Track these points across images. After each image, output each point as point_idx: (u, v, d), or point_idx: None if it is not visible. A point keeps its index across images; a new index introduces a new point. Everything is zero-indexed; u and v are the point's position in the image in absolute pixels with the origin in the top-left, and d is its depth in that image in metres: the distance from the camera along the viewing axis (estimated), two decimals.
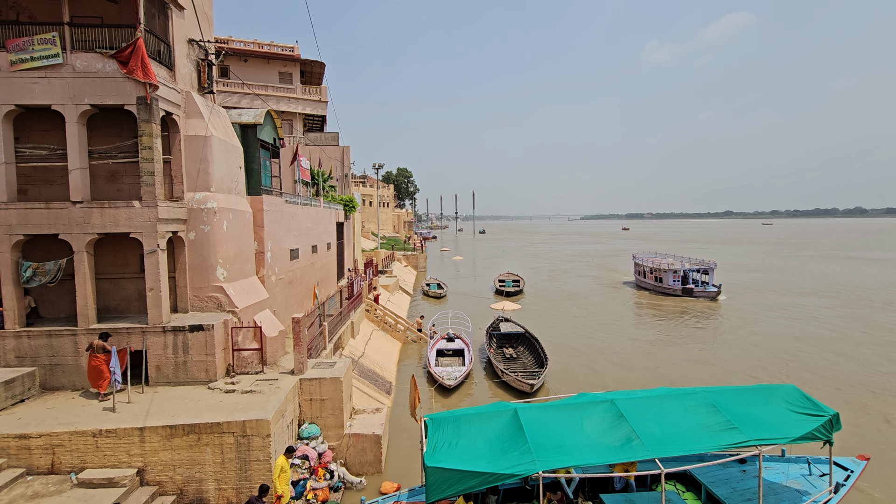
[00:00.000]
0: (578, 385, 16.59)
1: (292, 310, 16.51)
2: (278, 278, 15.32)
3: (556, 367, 18.44)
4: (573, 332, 24.21)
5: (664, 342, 22.16)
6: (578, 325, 25.89)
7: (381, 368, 17.44)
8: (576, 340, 22.68)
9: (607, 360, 19.54)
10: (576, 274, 49.29)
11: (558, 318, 27.61)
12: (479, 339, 22.15)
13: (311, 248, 19.45)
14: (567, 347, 21.42)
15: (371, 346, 19.09)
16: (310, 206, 20.18)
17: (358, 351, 17.45)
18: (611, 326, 25.54)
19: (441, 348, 19.89)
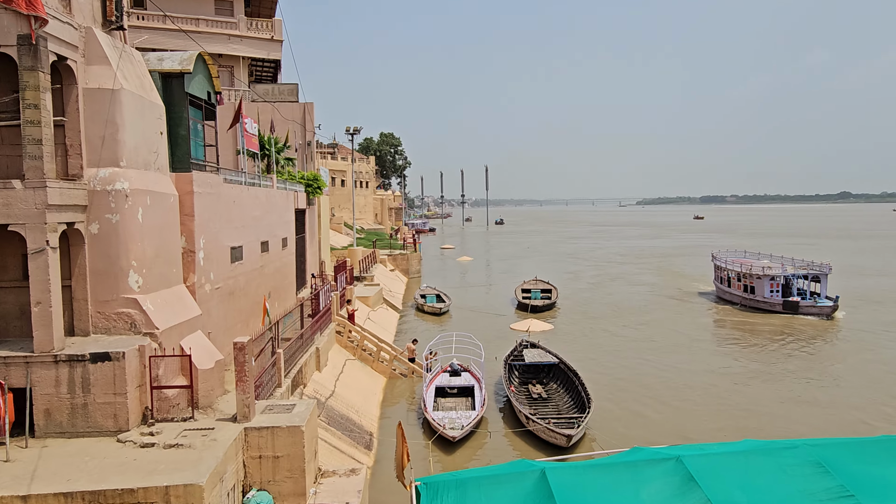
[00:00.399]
0: (632, 437, 16.70)
1: (234, 331, 16.77)
2: (215, 288, 15.48)
3: (603, 411, 18.63)
4: (625, 364, 24.41)
5: (753, 377, 22.24)
6: (632, 353, 26.09)
7: (358, 413, 17.69)
8: (629, 375, 22.85)
9: (673, 403, 19.70)
10: (628, 281, 49.88)
11: (604, 344, 27.87)
12: (496, 372, 22.39)
13: (259, 246, 19.69)
14: (617, 384, 21.65)
15: (344, 383, 19.35)
16: (259, 186, 20.38)
17: (326, 389, 17.66)
18: (678, 355, 25.76)
19: (442, 385, 20.19)
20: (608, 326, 31.47)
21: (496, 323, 32.63)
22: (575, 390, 19.59)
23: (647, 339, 28.55)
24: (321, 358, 18.38)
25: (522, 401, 19.44)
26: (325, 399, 16.68)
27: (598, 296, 41.77)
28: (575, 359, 23.96)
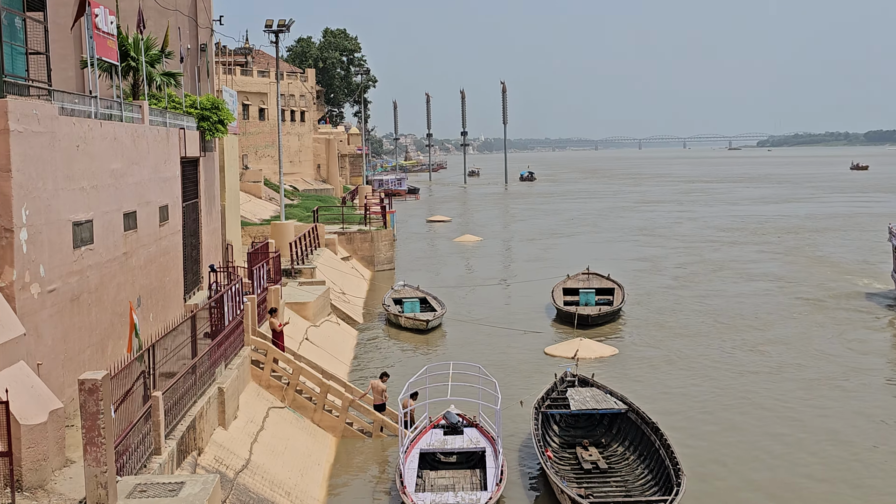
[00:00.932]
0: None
1: (81, 362, 16.86)
2: (47, 290, 15.49)
3: (697, 492, 18.82)
4: (737, 413, 24.68)
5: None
6: (749, 394, 26.40)
7: (289, 497, 17.82)
8: (743, 432, 23.15)
9: (817, 480, 19.96)
10: (742, 273, 50.55)
11: (703, 381, 28.18)
12: (521, 426, 22.65)
13: (122, 220, 19.77)
14: (722, 447, 21.93)
15: (267, 447, 19.49)
16: (119, 121, 20.29)
17: (236, 457, 17.82)
18: (829, 399, 26.04)
19: (432, 449, 20.41)
20: (709, 350, 31.76)
21: (521, 345, 32.80)
22: (654, 457, 19.73)
23: (775, 372, 28.78)
24: (227, 405, 18.45)
25: (567, 474, 19.58)
26: (234, 473, 16.73)
27: (692, 299, 42.09)
28: (654, 406, 24.05)
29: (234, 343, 21.38)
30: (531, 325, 36.13)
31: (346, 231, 53.34)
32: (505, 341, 33.30)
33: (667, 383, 27.43)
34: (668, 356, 30.86)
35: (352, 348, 32.76)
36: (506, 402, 21.84)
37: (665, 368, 29.24)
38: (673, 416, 23.62)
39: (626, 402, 22.15)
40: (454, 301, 41.03)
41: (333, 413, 22.82)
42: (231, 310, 21.33)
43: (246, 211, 55.96)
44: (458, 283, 47.60)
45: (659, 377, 28.18)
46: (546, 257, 58.10)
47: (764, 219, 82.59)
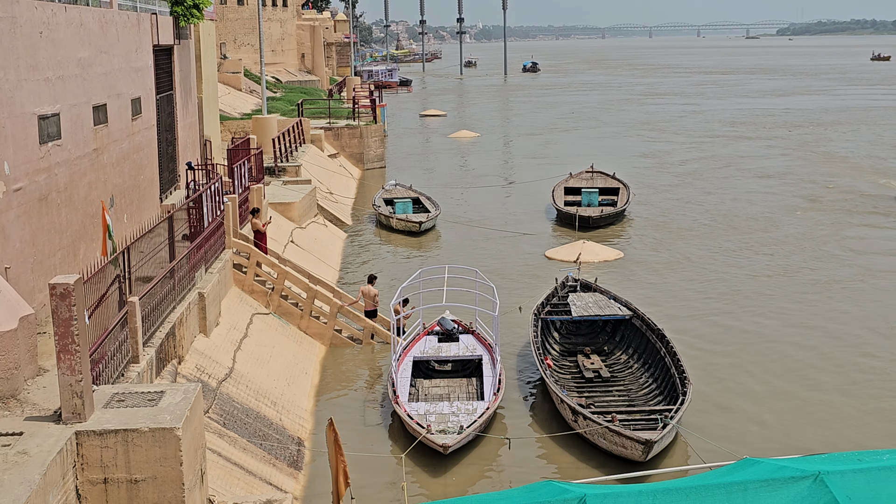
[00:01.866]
0: (749, 442, 17.19)
1: (51, 265, 16.84)
2: (13, 189, 15.30)
3: (699, 401, 19.08)
4: (745, 320, 24.92)
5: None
6: (757, 299, 26.63)
7: (275, 407, 18.07)
8: (749, 339, 23.39)
9: (820, 389, 20.22)
10: (751, 170, 50.67)
11: (711, 285, 28.38)
12: (519, 333, 22.89)
13: (92, 114, 19.53)
14: (726, 356, 22.17)
15: (252, 355, 19.67)
16: (86, 6, 19.82)
17: (219, 365, 17.98)
18: (837, 305, 26.25)
19: (426, 357, 20.69)
20: (717, 253, 31.95)
21: (520, 248, 32.94)
22: (659, 365, 19.97)
23: (786, 274, 29.03)
24: (208, 311, 18.54)
25: (567, 383, 19.84)
26: (217, 383, 16.90)
27: (699, 198, 42.15)
28: (660, 311, 24.22)
29: (215, 246, 21.37)
30: (531, 226, 36.20)
31: (333, 126, 52.89)
32: (503, 244, 33.40)
33: (673, 288, 27.65)
34: (675, 259, 31.02)
35: (340, 251, 32.86)
36: (504, 308, 21.98)
37: (672, 272, 29.43)
38: (679, 322, 23.87)
39: (630, 308, 22.32)
40: (449, 201, 40.99)
41: (321, 320, 22.97)
42: (210, 210, 21.24)
43: (225, 104, 55.35)
44: (454, 183, 47.49)
45: (665, 281, 28.39)
46: (546, 154, 57.84)
47: (775, 112, 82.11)
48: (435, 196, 40.41)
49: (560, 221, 36.99)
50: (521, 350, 22.05)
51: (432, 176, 49.82)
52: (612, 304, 22.46)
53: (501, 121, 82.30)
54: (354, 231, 36.37)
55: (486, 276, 23.26)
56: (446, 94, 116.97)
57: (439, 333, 21.50)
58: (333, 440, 11.85)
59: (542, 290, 24.58)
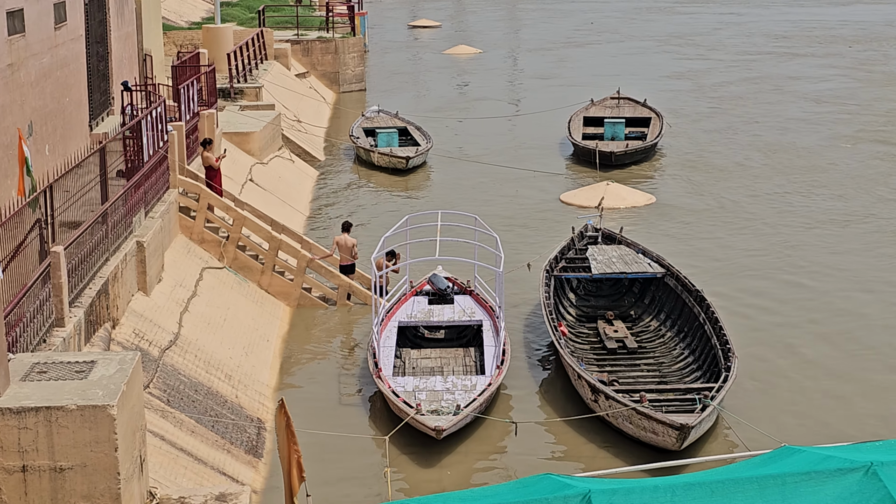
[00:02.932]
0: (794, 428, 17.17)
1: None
2: None
3: (748, 377, 19.01)
4: (806, 272, 24.91)
5: None
6: (820, 246, 26.61)
7: (231, 381, 18.02)
8: (816, 295, 23.44)
9: (885, 367, 20.13)
10: (802, 93, 50.05)
11: (760, 233, 28.32)
12: (527, 293, 22.87)
13: (4, 21, 19.25)
14: (778, 325, 22.13)
15: (202, 317, 19.63)
16: None
17: (162, 330, 17.94)
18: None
19: (413, 322, 20.69)
20: (767, 197, 31.83)
21: (529, 190, 32.81)
22: (697, 333, 19.97)
23: (846, 224, 28.89)
24: (149, 265, 18.43)
25: (585, 354, 19.81)
26: (160, 351, 16.84)
27: (744, 129, 41.87)
28: (698, 268, 24.13)
29: (157, 185, 21.23)
30: (542, 164, 36.01)
31: (301, 39, 52.39)
32: (508, 185, 33.27)
33: (715, 240, 27.63)
34: (717, 204, 30.97)
35: (310, 193, 32.71)
36: (509, 264, 21.86)
37: (713, 220, 29.38)
38: (721, 281, 23.84)
39: (662, 264, 22.27)
40: (443, 132, 40.75)
41: (286, 276, 22.89)
42: (152, 141, 21.08)
43: (169, 10, 54.76)
44: (449, 109, 47.18)
45: (705, 232, 28.35)
46: (561, 75, 57.44)
47: (831, 24, 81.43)
48: (426, 126, 40.15)
49: (578, 158, 36.80)
50: (529, 314, 21.96)
51: (423, 101, 49.49)
52: (640, 258, 22.40)
53: (508, 33, 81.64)
54: (327, 168, 36.18)
55: (489, 222, 23.16)
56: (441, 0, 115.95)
57: (430, 294, 21.42)
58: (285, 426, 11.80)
59: (555, 242, 24.47)
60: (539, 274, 22.27)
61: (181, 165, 22.96)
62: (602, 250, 22.81)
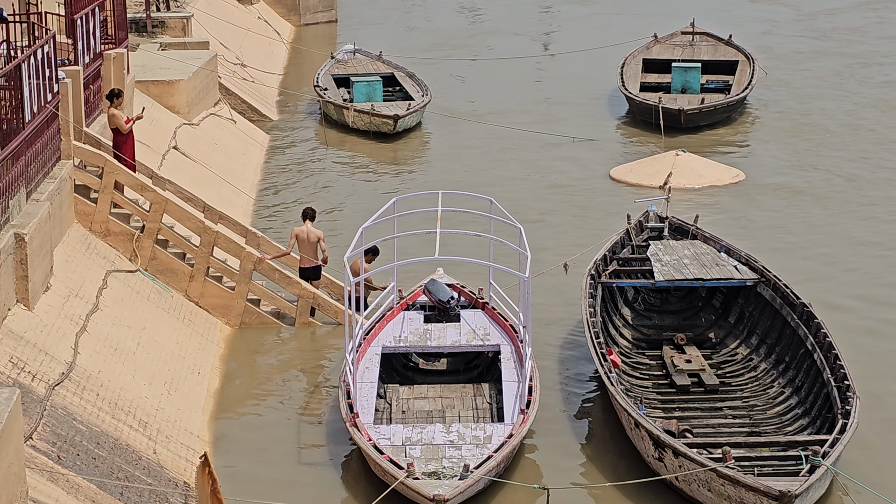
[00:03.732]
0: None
1: None
2: None
3: (873, 429, 19.02)
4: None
5: None
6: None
7: (146, 430, 17.93)
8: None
9: None
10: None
11: (890, 229, 28.33)
12: (563, 306, 22.99)
13: None
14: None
15: (105, 339, 19.55)
16: None
17: (49, 357, 17.79)
18: None
19: (402, 348, 20.62)
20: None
21: (565, 162, 32.85)
22: (804, 364, 19.93)
23: None
24: (32, 267, 18.35)
25: (646, 392, 19.86)
26: (47, 387, 16.72)
27: (866, 76, 42.08)
28: (805, 275, 24.12)
29: (43, 154, 21.10)
30: (585, 125, 36.01)
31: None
32: (537, 156, 33.29)
33: (827, 232, 27.61)
34: (829, 183, 31.01)
35: (258, 166, 32.72)
36: (538, 266, 21.84)
37: (823, 206, 29.37)
38: (836, 289, 23.85)
39: (753, 268, 22.16)
40: (444, 81, 40.78)
41: (225, 282, 22.82)
42: (35, 93, 20.97)
43: None
44: (454, 48, 47.14)
45: (813, 221, 28.35)
46: (612, 3, 57.35)
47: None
48: (421, 72, 40.18)
49: (634, 118, 36.85)
50: (566, 337, 21.97)
51: (417, 37, 49.44)
52: (722, 259, 22.34)
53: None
54: (283, 131, 36.22)
55: (508, 209, 23.03)
56: None
57: (427, 307, 21.36)
58: (210, 492, 11.86)
59: (603, 236, 24.37)
60: (581, 280, 22.23)
61: (77, 127, 22.89)
62: (669, 248, 22.76)
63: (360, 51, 41.20)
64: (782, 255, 24.84)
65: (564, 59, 45.38)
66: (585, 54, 44.31)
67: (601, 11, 54.59)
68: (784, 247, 25.94)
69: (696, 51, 40.51)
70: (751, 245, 24.07)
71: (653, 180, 28.94)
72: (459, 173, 31.20)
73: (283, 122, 36.91)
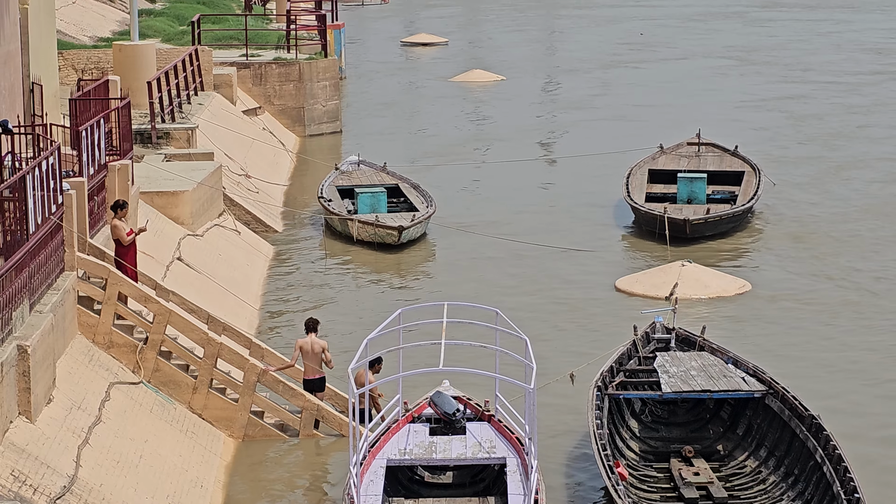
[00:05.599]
0: None
1: None
2: None
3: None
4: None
5: None
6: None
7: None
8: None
9: None
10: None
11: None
12: (568, 417, 23.03)
13: None
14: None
15: (107, 451, 19.43)
16: None
17: (50, 472, 17.67)
18: None
19: (408, 461, 20.46)
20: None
21: (571, 273, 32.91)
22: (814, 477, 19.84)
23: None
24: (35, 379, 18.31)
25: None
26: (48, 499, 16.63)
27: (870, 178, 42.42)
28: (813, 387, 24.05)
29: (47, 266, 21.13)
30: (589, 237, 36.13)
31: (252, 62, 52.92)
32: (542, 266, 33.36)
33: (837, 344, 27.51)
34: (840, 293, 31.00)
35: (262, 277, 32.76)
36: (544, 377, 21.82)
37: (833, 316, 29.35)
38: (846, 401, 23.79)
39: (761, 379, 22.11)
40: (449, 192, 40.91)
41: (229, 394, 22.77)
42: (40, 204, 21.04)
43: (68, 22, 55.24)
44: (457, 159, 47.39)
45: (822, 332, 28.26)
46: (610, 106, 57.62)
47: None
48: (426, 184, 40.28)
49: (640, 228, 36.96)
50: (573, 449, 21.94)
51: (421, 147, 49.66)
52: (730, 371, 22.29)
53: (542, 52, 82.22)
54: (287, 242, 36.31)
55: (514, 320, 23.03)
56: (448, 6, 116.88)
57: (432, 420, 21.29)
58: None
59: (610, 347, 24.36)
60: (588, 392, 22.18)
61: (82, 238, 22.95)
62: (677, 360, 22.75)
63: (365, 162, 41.38)
64: (790, 366, 24.80)
65: (568, 165, 45.71)
66: (589, 162, 44.55)
67: (602, 119, 54.95)
68: (792, 358, 25.93)
69: (701, 161, 40.66)
70: (758, 356, 24.04)
71: (659, 291, 28.98)
72: (464, 284, 31.28)
73: (288, 233, 37.06)
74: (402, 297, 30.08)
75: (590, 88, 64.36)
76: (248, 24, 59.34)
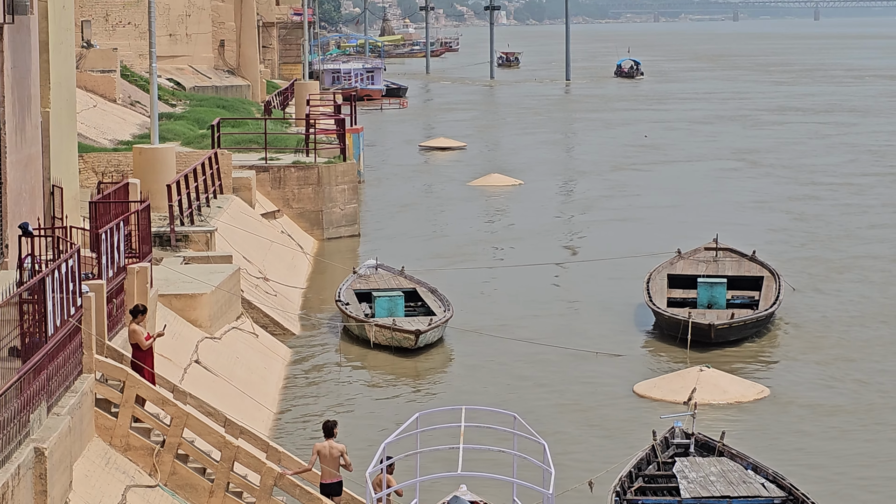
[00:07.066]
0: None
1: None
2: None
3: None
4: None
5: None
6: None
7: None
8: None
9: None
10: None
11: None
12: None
13: None
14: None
15: None
16: None
17: None
18: None
19: None
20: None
21: (590, 377, 32.93)
22: None
23: None
24: (52, 482, 18.29)
25: None
26: None
27: (886, 283, 42.46)
28: (836, 494, 24.03)
29: (65, 368, 21.13)
30: (607, 341, 36.13)
31: (271, 165, 53.16)
32: (561, 371, 33.35)
33: (857, 451, 27.44)
34: (858, 399, 30.94)
35: (280, 380, 32.75)
36: (562, 483, 21.76)
37: (853, 423, 29.25)
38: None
39: (781, 486, 22.06)
40: (466, 297, 40.99)
41: (245, 498, 22.70)
42: (59, 307, 21.11)
43: (88, 125, 55.58)
44: (475, 262, 47.50)
45: (843, 439, 28.20)
46: (634, 212, 57.83)
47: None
48: (444, 288, 40.35)
49: (661, 333, 36.98)
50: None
51: (439, 251, 49.70)
52: (749, 477, 22.24)
53: (562, 156, 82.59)
54: (305, 345, 36.32)
55: (532, 425, 23.01)
56: (467, 109, 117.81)
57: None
58: None
59: (629, 452, 24.37)
60: (606, 497, 22.12)
61: (100, 341, 23.01)
62: (696, 465, 22.68)
63: (383, 266, 41.48)
64: (810, 472, 24.73)
65: (585, 268, 45.76)
66: (605, 264, 44.65)
67: (616, 218, 55.27)
68: (812, 464, 25.84)
69: (720, 266, 40.71)
70: (778, 462, 23.99)
71: (677, 396, 28.94)
72: (482, 388, 31.24)
73: (305, 336, 37.08)
74: (420, 400, 30.06)
75: (604, 190, 64.78)
76: (267, 127, 59.79)
